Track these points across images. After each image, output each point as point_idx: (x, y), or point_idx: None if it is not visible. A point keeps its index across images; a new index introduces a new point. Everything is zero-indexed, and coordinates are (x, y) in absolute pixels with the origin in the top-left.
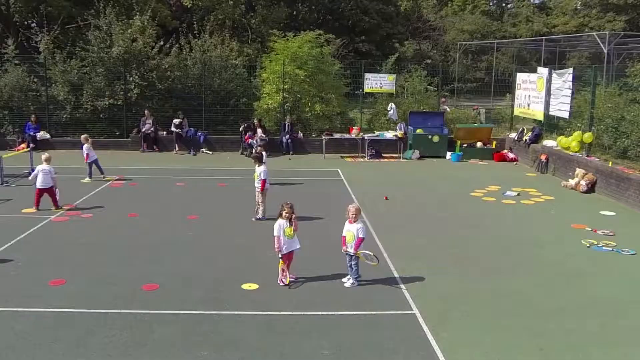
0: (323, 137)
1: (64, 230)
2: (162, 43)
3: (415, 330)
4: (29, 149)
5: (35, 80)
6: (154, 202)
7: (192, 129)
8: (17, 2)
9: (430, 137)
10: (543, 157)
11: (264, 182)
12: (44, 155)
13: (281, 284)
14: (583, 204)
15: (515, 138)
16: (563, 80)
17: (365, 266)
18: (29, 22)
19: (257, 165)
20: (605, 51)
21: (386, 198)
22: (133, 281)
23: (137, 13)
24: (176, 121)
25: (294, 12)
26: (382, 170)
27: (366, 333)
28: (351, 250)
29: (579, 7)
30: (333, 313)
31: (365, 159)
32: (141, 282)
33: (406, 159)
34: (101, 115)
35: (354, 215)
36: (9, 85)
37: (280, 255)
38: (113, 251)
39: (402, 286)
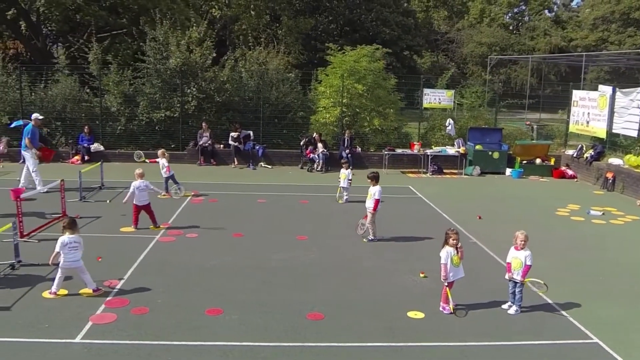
0: (385, 152)
1: (177, 251)
2: (214, 54)
3: None
4: (99, 162)
5: (88, 90)
6: (249, 220)
7: (250, 142)
8: (52, 10)
9: (490, 153)
10: (609, 175)
11: (377, 202)
12: (138, 171)
13: (445, 311)
14: None
15: (574, 155)
16: (630, 99)
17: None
18: (49, 30)
19: (372, 184)
20: None
21: (480, 217)
22: (293, 309)
23: (194, 25)
24: (234, 134)
25: (316, 24)
26: (450, 187)
27: None
28: (518, 278)
29: (596, 22)
30: (523, 343)
31: (428, 174)
32: (302, 311)
33: (467, 174)
34: (156, 128)
35: (522, 242)
36: (61, 96)
37: (446, 283)
38: (247, 275)
39: (564, 313)
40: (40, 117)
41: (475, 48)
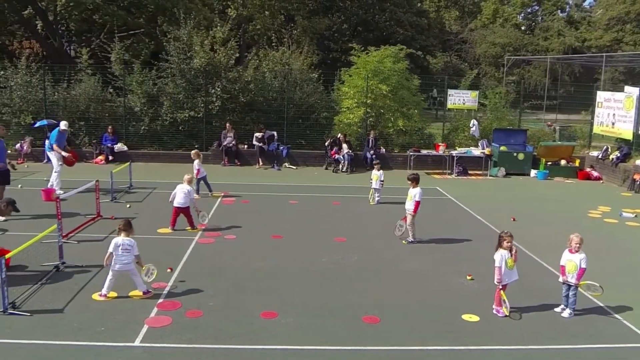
0: (409, 153)
1: (218, 253)
2: (237, 55)
3: None
4: (128, 163)
5: (111, 90)
6: (284, 222)
7: (275, 143)
8: (71, 10)
9: (515, 154)
10: (637, 177)
11: (417, 204)
12: (186, 176)
13: (499, 314)
14: None
15: (599, 156)
16: None
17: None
18: (64, 29)
19: (412, 186)
20: None
21: (514, 219)
22: (347, 312)
23: (218, 25)
24: (258, 135)
25: (329, 24)
26: (478, 188)
27: None
28: (572, 281)
29: (611, 22)
30: (580, 347)
31: (453, 175)
32: (357, 314)
33: (492, 176)
34: (180, 128)
35: (577, 245)
36: (84, 96)
37: (500, 286)
38: (295, 278)
39: (618, 316)
40: (65, 129)
41: (488, 48)
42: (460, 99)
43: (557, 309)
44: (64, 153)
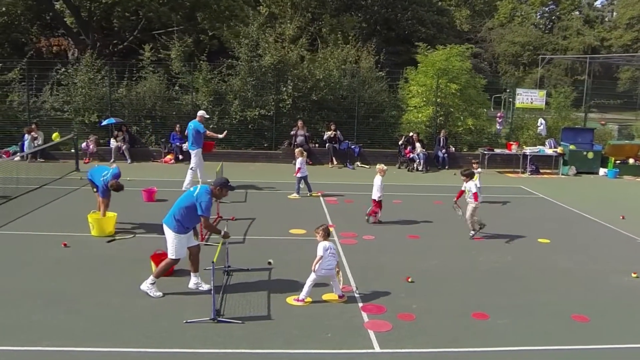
0: (483, 151)
1: (371, 254)
2: (302, 53)
3: None
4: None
5: (177, 88)
6: (408, 221)
7: (347, 141)
8: (116, 6)
9: (585, 153)
10: None
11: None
12: (383, 167)
13: None
14: None
15: None
16: None
17: None
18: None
19: (465, 181)
20: None
21: (623, 217)
22: (552, 312)
23: (288, 22)
24: (329, 133)
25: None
26: (559, 186)
27: None
28: None
29: (631, 22)
30: None
31: (527, 174)
32: (564, 313)
33: (564, 174)
34: (250, 127)
35: None
36: (149, 93)
37: None
38: (472, 278)
39: None
40: (207, 116)
41: (508, 47)
42: (528, 98)
43: None
44: (219, 135)
